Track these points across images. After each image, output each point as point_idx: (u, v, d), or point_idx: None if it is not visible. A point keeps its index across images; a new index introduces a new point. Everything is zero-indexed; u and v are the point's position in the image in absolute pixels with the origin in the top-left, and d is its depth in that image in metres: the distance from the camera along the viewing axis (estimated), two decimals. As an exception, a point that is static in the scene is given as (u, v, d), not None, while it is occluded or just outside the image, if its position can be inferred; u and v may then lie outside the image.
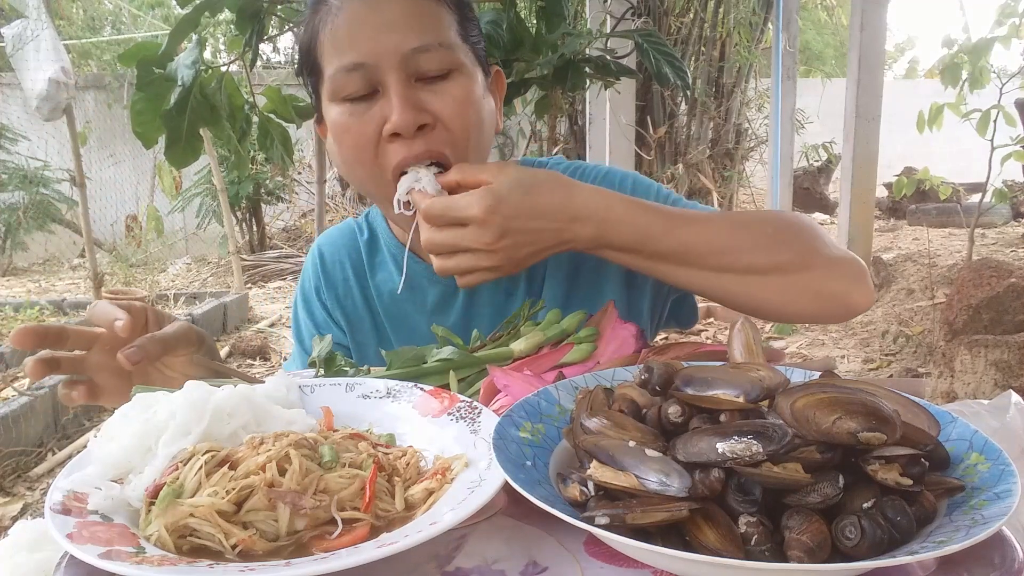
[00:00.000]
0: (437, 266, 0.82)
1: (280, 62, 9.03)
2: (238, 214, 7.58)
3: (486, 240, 0.78)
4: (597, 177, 1.05)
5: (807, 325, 4.48)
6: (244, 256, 7.08)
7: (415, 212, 0.84)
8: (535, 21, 1.66)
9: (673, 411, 0.55)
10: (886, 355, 3.89)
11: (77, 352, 0.84)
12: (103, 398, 0.85)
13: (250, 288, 6.51)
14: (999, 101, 4.14)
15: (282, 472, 0.55)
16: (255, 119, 1.63)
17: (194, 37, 1.41)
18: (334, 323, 1.11)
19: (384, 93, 0.86)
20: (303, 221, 8.23)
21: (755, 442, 0.47)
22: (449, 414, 0.69)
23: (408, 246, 0.98)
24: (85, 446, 0.65)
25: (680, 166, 6.05)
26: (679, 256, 0.82)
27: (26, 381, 3.28)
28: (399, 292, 1.05)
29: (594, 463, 0.52)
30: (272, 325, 5.36)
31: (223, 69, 1.51)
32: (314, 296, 1.13)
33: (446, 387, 0.76)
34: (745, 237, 0.84)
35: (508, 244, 0.79)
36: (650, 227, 0.81)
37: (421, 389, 0.73)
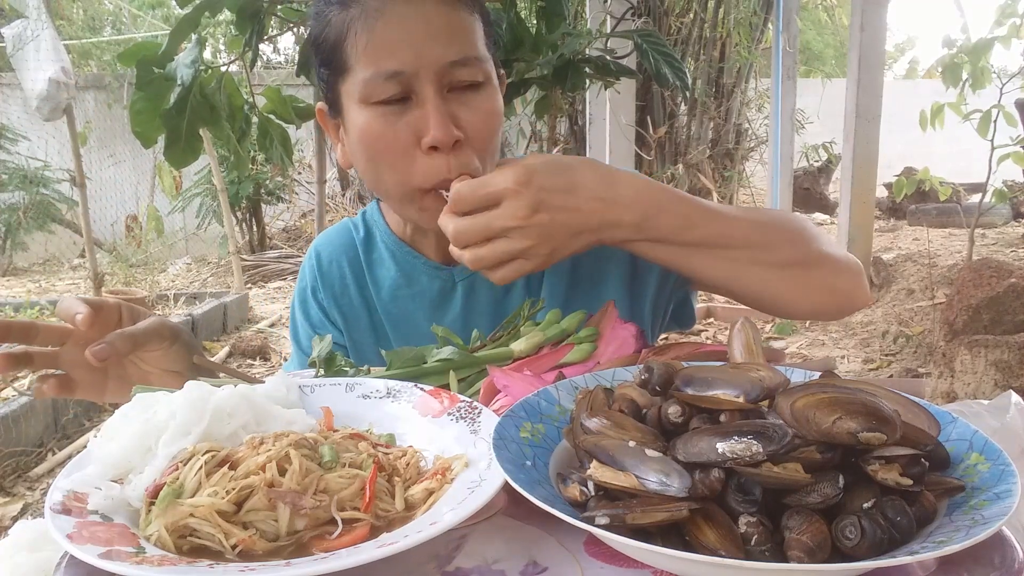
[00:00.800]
0: (469, 258, 0.77)
1: (280, 62, 9.03)
2: (238, 214, 7.57)
3: (520, 214, 0.73)
4: None
5: (807, 325, 4.49)
6: (244, 256, 7.08)
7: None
8: (535, 21, 1.66)
9: (673, 411, 0.55)
10: (886, 355, 3.90)
11: (51, 348, 0.84)
12: (78, 392, 0.86)
13: (250, 288, 6.51)
14: (999, 101, 4.14)
15: (282, 472, 0.55)
16: (255, 119, 1.63)
17: (194, 37, 1.41)
18: (330, 323, 1.11)
19: (418, 102, 0.86)
20: (303, 221, 8.23)
21: (755, 442, 0.47)
22: (449, 414, 0.69)
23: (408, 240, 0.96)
24: (85, 446, 0.65)
25: (680, 166, 6.05)
26: (711, 247, 0.82)
27: (26, 381, 3.28)
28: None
29: (594, 463, 0.52)
30: (272, 325, 5.36)
31: (223, 69, 1.52)
32: (310, 296, 1.13)
33: (446, 387, 0.76)
34: (772, 231, 0.85)
35: (544, 221, 0.74)
36: (690, 216, 0.80)
37: (421, 389, 0.73)
